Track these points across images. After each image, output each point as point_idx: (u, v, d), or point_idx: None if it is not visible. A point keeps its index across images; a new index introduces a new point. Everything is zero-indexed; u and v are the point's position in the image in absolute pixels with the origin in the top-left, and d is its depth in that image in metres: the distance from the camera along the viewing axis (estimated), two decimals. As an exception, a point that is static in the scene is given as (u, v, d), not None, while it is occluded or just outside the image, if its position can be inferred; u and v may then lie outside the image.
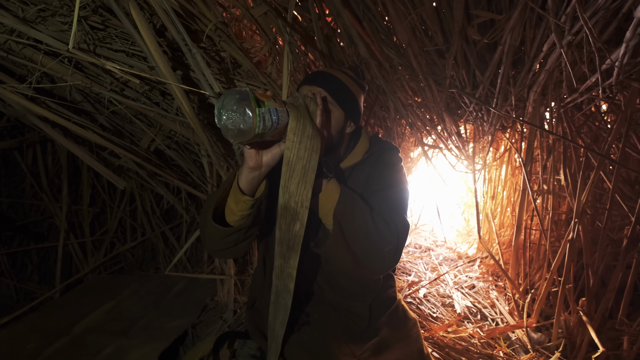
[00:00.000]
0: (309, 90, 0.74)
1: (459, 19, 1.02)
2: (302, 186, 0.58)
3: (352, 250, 0.64)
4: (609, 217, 1.26)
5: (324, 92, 0.73)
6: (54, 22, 0.89)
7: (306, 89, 0.75)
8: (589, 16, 0.88)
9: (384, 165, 0.80)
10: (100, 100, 1.16)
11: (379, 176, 0.79)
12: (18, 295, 1.70)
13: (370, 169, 0.81)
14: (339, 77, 0.76)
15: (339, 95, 0.74)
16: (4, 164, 1.72)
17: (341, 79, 0.76)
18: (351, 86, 0.77)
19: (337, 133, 0.76)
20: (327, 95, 0.73)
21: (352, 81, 0.78)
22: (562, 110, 1.32)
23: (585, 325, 1.25)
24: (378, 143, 0.84)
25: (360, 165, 0.81)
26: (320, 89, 0.73)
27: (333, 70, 0.78)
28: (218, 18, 1.03)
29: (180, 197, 1.69)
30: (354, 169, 0.81)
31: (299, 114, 0.59)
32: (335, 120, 0.74)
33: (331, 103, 0.73)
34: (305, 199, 0.59)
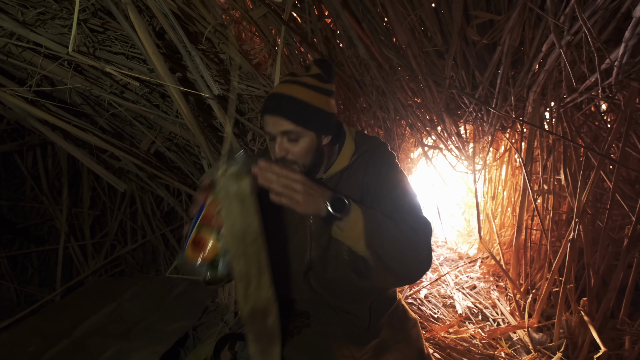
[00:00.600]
0: (272, 122, 0.68)
1: (458, 20, 1.02)
2: (261, 287, 0.57)
3: (393, 270, 0.65)
4: (609, 216, 1.26)
5: (286, 124, 0.67)
6: (53, 25, 0.90)
7: (269, 120, 0.68)
8: (587, 16, 0.88)
9: (379, 167, 0.77)
10: (100, 103, 1.16)
11: (379, 180, 0.76)
12: (19, 298, 1.69)
13: (364, 174, 0.77)
14: (298, 95, 0.67)
15: (302, 119, 0.67)
16: (5, 167, 1.72)
17: (301, 98, 0.67)
18: (314, 99, 0.68)
19: (314, 154, 0.71)
20: (290, 124, 0.67)
21: (314, 91, 0.69)
22: (561, 110, 1.32)
23: (586, 325, 1.25)
24: (365, 142, 0.80)
25: (349, 170, 0.77)
26: (280, 119, 0.67)
27: (291, 86, 0.68)
28: (217, 20, 1.03)
29: (180, 199, 1.69)
30: (343, 174, 0.77)
31: (225, 220, 0.54)
32: (307, 145, 0.69)
33: (296, 132, 0.67)
34: (269, 295, 0.58)
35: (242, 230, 0.56)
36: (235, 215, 0.55)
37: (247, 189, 0.55)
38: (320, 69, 0.71)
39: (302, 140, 0.69)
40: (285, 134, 0.68)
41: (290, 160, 0.70)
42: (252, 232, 0.56)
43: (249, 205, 0.56)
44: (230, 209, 0.55)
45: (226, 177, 0.55)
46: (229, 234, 0.55)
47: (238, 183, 0.55)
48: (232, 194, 0.55)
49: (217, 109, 1.03)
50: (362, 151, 0.78)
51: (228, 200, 0.55)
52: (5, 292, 1.69)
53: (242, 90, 1.21)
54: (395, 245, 0.64)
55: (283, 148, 0.69)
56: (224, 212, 0.55)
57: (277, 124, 0.67)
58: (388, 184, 0.77)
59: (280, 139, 0.69)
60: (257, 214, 0.57)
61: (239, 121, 1.30)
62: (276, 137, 0.69)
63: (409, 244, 0.65)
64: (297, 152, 0.69)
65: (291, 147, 0.69)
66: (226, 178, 0.55)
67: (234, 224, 0.55)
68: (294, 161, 0.70)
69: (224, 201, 0.55)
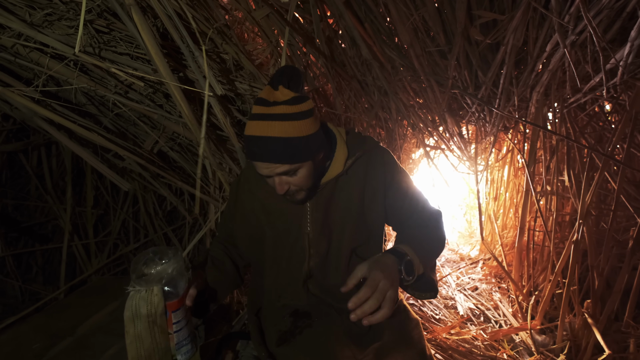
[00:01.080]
0: (265, 167, 0.65)
1: (462, 20, 1.02)
2: None
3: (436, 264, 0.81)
4: (614, 218, 1.25)
5: (280, 167, 0.64)
6: (60, 26, 0.91)
7: (261, 165, 0.65)
8: (592, 15, 0.88)
9: (383, 172, 0.77)
10: (105, 103, 1.17)
11: (385, 185, 0.77)
12: (23, 296, 1.71)
13: (364, 179, 0.76)
14: (281, 133, 0.62)
15: (295, 156, 0.64)
16: (10, 166, 1.74)
17: (284, 136, 0.62)
18: (298, 130, 0.63)
19: (314, 175, 0.70)
20: (284, 166, 0.64)
21: (294, 121, 0.63)
22: (565, 110, 1.31)
23: (590, 328, 1.24)
24: (358, 145, 0.77)
25: (344, 177, 0.75)
26: (271, 164, 0.64)
27: (270, 125, 0.62)
28: (220, 20, 1.04)
29: (182, 198, 1.69)
30: (338, 181, 0.75)
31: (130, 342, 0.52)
32: (306, 172, 0.67)
33: (293, 168, 0.65)
34: None
35: (148, 353, 0.54)
36: (144, 338, 0.53)
37: (160, 309, 0.53)
38: (290, 88, 0.64)
39: (301, 171, 0.67)
40: (284, 173, 0.66)
41: (293, 190, 0.69)
42: (159, 351, 0.55)
43: (160, 325, 0.54)
44: (138, 332, 0.53)
45: (137, 299, 0.53)
46: (134, 357, 0.53)
47: (150, 304, 0.53)
48: (143, 317, 0.53)
49: (218, 108, 1.04)
50: (356, 155, 0.75)
51: (137, 323, 0.53)
52: (10, 289, 1.71)
53: (244, 90, 1.22)
54: (436, 252, 0.78)
55: (284, 184, 0.67)
56: (131, 336, 0.53)
57: (270, 168, 0.65)
58: (398, 189, 0.78)
59: (278, 178, 0.67)
60: (166, 332, 0.55)
61: (241, 121, 1.31)
62: (271, 176, 0.67)
63: (440, 244, 0.78)
64: (298, 182, 0.68)
65: (291, 180, 0.67)
66: (137, 299, 0.52)
67: (141, 347, 0.53)
68: (298, 189, 0.69)
69: (131, 323, 0.53)
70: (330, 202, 0.77)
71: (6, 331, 1.22)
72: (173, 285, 0.56)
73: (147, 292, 0.53)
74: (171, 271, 0.55)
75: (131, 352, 0.54)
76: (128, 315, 0.53)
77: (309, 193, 0.72)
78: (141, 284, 0.54)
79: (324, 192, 0.76)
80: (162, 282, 0.54)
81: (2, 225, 1.62)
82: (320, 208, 0.76)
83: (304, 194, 0.71)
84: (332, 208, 0.77)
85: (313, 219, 0.76)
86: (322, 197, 0.76)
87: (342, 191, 0.77)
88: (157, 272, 0.55)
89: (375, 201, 0.78)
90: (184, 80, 1.08)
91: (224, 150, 1.26)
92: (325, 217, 0.77)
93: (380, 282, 0.58)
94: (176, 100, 0.92)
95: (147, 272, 0.55)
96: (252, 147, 0.65)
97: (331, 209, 0.77)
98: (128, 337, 0.53)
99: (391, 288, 0.59)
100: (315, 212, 0.76)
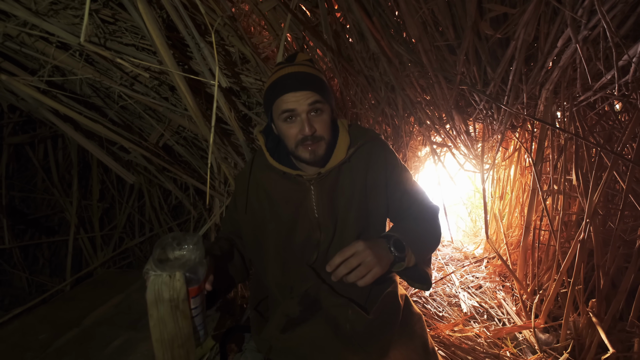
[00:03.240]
0: (296, 98, 0.69)
1: (472, 13, 1.00)
2: None
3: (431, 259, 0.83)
4: (621, 218, 1.24)
5: (313, 95, 0.69)
6: (65, 15, 0.90)
7: (291, 97, 0.69)
8: (607, 10, 0.86)
9: (384, 163, 0.80)
10: (110, 95, 1.17)
11: (387, 176, 0.79)
12: (30, 288, 1.73)
13: (366, 169, 0.78)
14: (312, 71, 0.72)
15: (323, 91, 0.71)
16: (17, 158, 1.75)
17: (315, 74, 0.72)
18: (323, 76, 0.74)
19: (332, 129, 0.74)
20: (316, 95, 0.69)
21: (315, 69, 0.74)
22: (574, 109, 1.29)
23: (594, 327, 1.23)
24: (360, 134, 0.80)
25: (348, 164, 0.78)
26: (306, 92, 0.69)
27: (299, 67, 0.72)
28: (227, 12, 1.03)
29: (188, 193, 1.70)
30: (342, 168, 0.78)
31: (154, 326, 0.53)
32: (328, 117, 0.73)
33: (321, 102, 0.70)
34: None
35: (171, 337, 0.55)
36: (167, 322, 0.54)
37: (182, 294, 0.54)
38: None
39: (325, 113, 0.72)
40: (313, 104, 0.70)
41: (318, 136, 0.72)
42: (182, 336, 0.55)
43: (182, 310, 0.54)
44: (161, 316, 0.54)
45: (159, 283, 0.53)
46: (158, 341, 0.54)
47: (173, 289, 0.53)
48: (166, 301, 0.53)
49: (222, 101, 1.03)
50: (358, 143, 0.78)
51: (160, 307, 0.53)
52: (17, 281, 1.73)
53: (250, 84, 1.21)
54: (432, 246, 0.79)
55: (311, 124, 0.71)
56: (154, 319, 0.54)
57: (303, 97, 0.69)
58: (398, 182, 0.80)
59: (306, 115, 0.70)
60: (189, 317, 0.56)
61: (246, 115, 1.30)
62: (299, 114, 0.70)
63: (434, 239, 0.80)
64: (322, 126, 0.72)
65: (317, 121, 0.71)
66: (159, 283, 0.53)
67: (164, 330, 0.54)
68: (322, 137, 0.72)
69: (155, 307, 0.53)
70: (335, 188, 0.79)
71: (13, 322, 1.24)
72: (194, 271, 0.57)
73: (169, 277, 0.53)
74: (194, 258, 0.55)
75: (155, 334, 0.55)
76: (151, 299, 0.54)
77: (327, 149, 0.74)
78: (164, 269, 0.54)
79: (328, 180, 0.77)
80: (185, 269, 0.55)
81: (10, 217, 1.64)
82: (325, 195, 0.78)
83: (324, 147, 0.73)
84: (337, 194, 0.79)
85: (320, 204, 0.77)
86: (327, 183, 0.78)
87: (345, 178, 0.78)
88: (179, 258, 0.55)
89: (376, 189, 0.79)
90: (189, 72, 1.07)
91: (229, 144, 1.26)
92: (330, 204, 0.78)
93: (364, 252, 0.62)
94: (181, 92, 0.91)
95: (169, 258, 0.55)
96: (284, 81, 0.70)
97: (335, 195, 0.79)
98: (152, 320, 0.54)
99: (377, 265, 0.62)
100: (321, 199, 0.77)
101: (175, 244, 0.56)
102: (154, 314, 0.54)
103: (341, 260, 0.62)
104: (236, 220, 0.86)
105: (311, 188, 0.77)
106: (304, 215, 0.78)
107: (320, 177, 0.76)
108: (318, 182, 0.77)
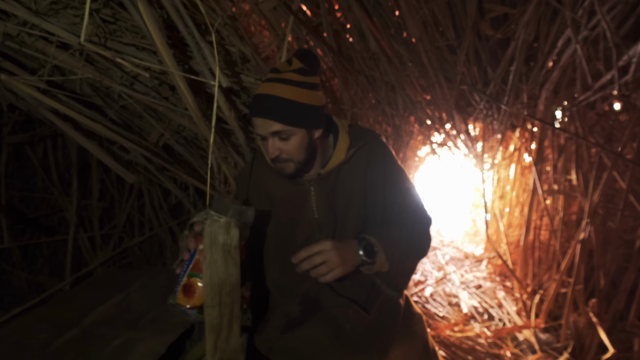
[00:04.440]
0: (261, 124, 0.68)
1: (473, 14, 1.00)
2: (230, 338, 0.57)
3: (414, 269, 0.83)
4: (621, 217, 1.24)
5: (274, 125, 0.67)
6: (65, 15, 0.90)
7: (257, 122, 0.68)
8: (607, 10, 0.86)
9: (383, 165, 0.79)
10: (110, 95, 1.17)
11: (384, 178, 0.79)
12: (29, 287, 1.73)
13: (365, 170, 0.78)
14: (282, 94, 0.67)
15: (289, 119, 0.67)
16: (16, 158, 1.75)
17: (285, 97, 0.67)
18: (299, 96, 0.67)
19: (307, 149, 0.72)
20: (278, 125, 0.67)
21: (299, 87, 0.68)
22: (574, 109, 1.29)
23: (594, 327, 1.23)
24: (360, 135, 0.79)
25: (347, 165, 0.78)
26: (267, 121, 0.67)
27: (274, 86, 0.67)
28: (227, 12, 1.03)
29: (188, 192, 1.69)
30: (341, 169, 0.78)
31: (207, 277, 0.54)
32: (298, 142, 0.69)
33: (286, 131, 0.68)
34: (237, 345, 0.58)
35: (221, 281, 0.55)
36: (218, 266, 0.55)
37: (235, 241, 0.55)
38: (303, 62, 0.69)
39: (294, 138, 0.69)
40: (275, 134, 0.68)
41: (284, 158, 0.70)
42: (230, 283, 0.56)
43: (233, 257, 0.56)
44: (214, 259, 0.55)
45: (216, 227, 0.55)
46: (208, 284, 0.55)
47: (227, 234, 0.55)
48: (220, 245, 0.55)
49: (222, 100, 1.03)
50: (358, 145, 0.77)
51: (214, 250, 0.55)
52: (16, 280, 1.72)
53: (250, 84, 1.21)
54: (412, 256, 0.78)
55: (276, 148, 0.69)
56: (207, 261, 0.55)
57: (265, 126, 0.68)
58: (394, 184, 0.80)
59: (272, 140, 0.69)
60: (238, 266, 0.57)
61: (247, 115, 1.30)
62: (266, 137, 0.69)
63: (419, 250, 0.78)
64: (290, 150, 0.70)
65: (283, 145, 0.69)
66: (215, 227, 0.55)
67: (215, 274, 0.55)
68: (289, 159, 0.71)
69: (209, 250, 0.55)
70: (334, 189, 0.78)
71: (12, 322, 1.24)
72: (244, 228, 0.59)
73: (225, 222, 0.55)
74: (248, 215, 0.58)
75: (206, 278, 0.55)
76: (207, 242, 0.55)
77: (298, 167, 0.72)
78: (222, 215, 0.56)
79: (328, 180, 0.77)
80: (240, 220, 0.57)
81: (9, 217, 1.63)
82: (325, 195, 0.78)
83: (293, 167, 0.72)
84: (336, 195, 0.79)
85: (319, 205, 0.77)
86: (326, 184, 0.77)
87: (345, 179, 0.78)
88: (235, 210, 0.58)
89: (375, 189, 0.79)
90: (189, 72, 1.07)
91: (229, 143, 1.26)
92: (330, 204, 0.78)
93: (330, 251, 0.63)
94: (181, 91, 0.91)
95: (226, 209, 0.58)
96: (254, 104, 0.69)
97: (335, 197, 0.79)
98: (205, 262, 0.55)
99: (340, 266, 0.63)
100: (320, 199, 0.77)
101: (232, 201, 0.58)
102: (207, 257, 0.55)
103: (306, 255, 0.63)
104: None
105: (311, 189, 0.77)
106: (304, 215, 0.78)
107: (319, 177, 0.76)
108: (318, 182, 0.77)
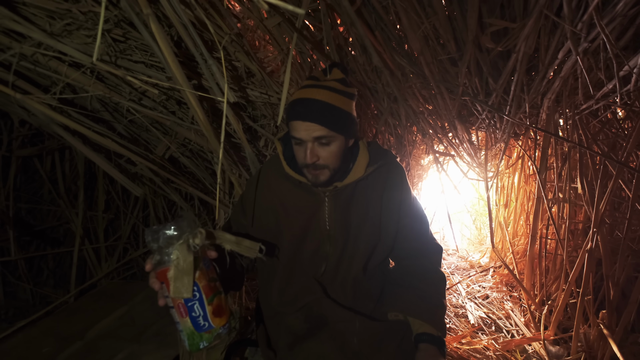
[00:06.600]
0: (304, 128, 0.67)
1: (473, 28, 1.02)
2: None
3: None
4: (629, 226, 1.22)
5: (320, 129, 0.67)
6: (78, 36, 0.93)
7: (300, 125, 0.67)
8: (606, 23, 0.87)
9: (400, 187, 0.80)
10: (119, 110, 1.20)
11: (399, 201, 0.80)
12: (34, 299, 1.73)
13: (383, 189, 0.79)
14: (329, 99, 0.67)
15: (335, 124, 0.68)
16: (24, 170, 1.78)
17: (332, 102, 0.67)
18: (342, 103, 0.69)
19: (342, 157, 0.72)
20: (323, 130, 0.67)
21: (342, 96, 0.69)
22: (577, 117, 1.29)
23: (606, 339, 1.20)
24: (380, 155, 0.80)
25: (364, 182, 0.78)
26: (312, 125, 0.67)
27: (319, 91, 0.68)
28: (233, 29, 1.06)
29: (192, 203, 1.71)
30: (358, 185, 0.78)
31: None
32: (337, 148, 0.70)
33: (329, 136, 0.68)
34: None
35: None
36: (186, 285, 0.54)
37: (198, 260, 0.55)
38: (343, 73, 0.72)
39: (334, 144, 0.70)
40: (317, 139, 0.68)
41: (321, 165, 0.71)
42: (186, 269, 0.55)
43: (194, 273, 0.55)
44: (182, 278, 0.54)
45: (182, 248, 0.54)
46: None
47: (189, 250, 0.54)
48: (188, 264, 0.54)
49: (231, 115, 1.05)
50: (377, 163, 0.78)
51: (182, 268, 0.54)
52: (21, 292, 1.73)
53: (255, 97, 1.23)
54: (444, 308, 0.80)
55: (314, 153, 0.69)
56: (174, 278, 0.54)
57: (309, 130, 0.67)
58: (410, 210, 0.82)
59: (312, 144, 0.69)
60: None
61: (252, 127, 1.32)
62: (306, 142, 0.69)
63: (442, 289, 0.81)
64: (328, 156, 0.70)
65: (322, 151, 0.70)
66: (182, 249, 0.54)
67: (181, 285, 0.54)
68: (325, 165, 0.71)
69: (178, 269, 0.53)
70: (350, 204, 0.79)
71: (17, 335, 1.24)
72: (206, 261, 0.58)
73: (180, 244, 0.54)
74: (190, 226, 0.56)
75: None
76: (176, 264, 0.55)
77: (332, 176, 0.73)
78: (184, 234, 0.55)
79: (344, 194, 0.78)
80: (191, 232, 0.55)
81: (16, 229, 1.65)
82: (339, 208, 0.78)
83: (328, 174, 0.72)
84: (351, 210, 0.79)
85: (333, 218, 0.78)
86: (342, 198, 0.78)
87: (361, 195, 0.79)
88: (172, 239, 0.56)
89: (390, 209, 0.80)
90: (197, 87, 1.09)
91: (236, 156, 1.27)
92: (343, 218, 0.78)
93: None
94: (192, 107, 0.93)
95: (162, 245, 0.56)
96: (297, 107, 0.69)
97: (349, 211, 0.79)
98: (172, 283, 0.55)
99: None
100: (334, 212, 0.77)
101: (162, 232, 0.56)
102: (178, 275, 0.54)
103: None
104: (243, 225, 0.86)
105: (325, 200, 0.77)
106: (315, 226, 0.78)
107: (336, 190, 0.77)
108: (333, 195, 0.77)
